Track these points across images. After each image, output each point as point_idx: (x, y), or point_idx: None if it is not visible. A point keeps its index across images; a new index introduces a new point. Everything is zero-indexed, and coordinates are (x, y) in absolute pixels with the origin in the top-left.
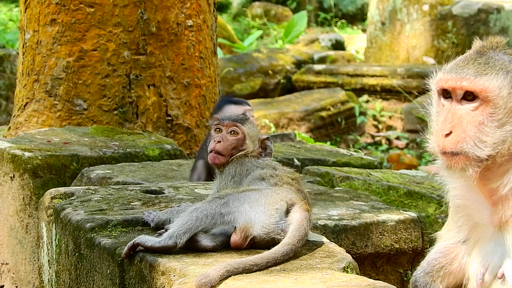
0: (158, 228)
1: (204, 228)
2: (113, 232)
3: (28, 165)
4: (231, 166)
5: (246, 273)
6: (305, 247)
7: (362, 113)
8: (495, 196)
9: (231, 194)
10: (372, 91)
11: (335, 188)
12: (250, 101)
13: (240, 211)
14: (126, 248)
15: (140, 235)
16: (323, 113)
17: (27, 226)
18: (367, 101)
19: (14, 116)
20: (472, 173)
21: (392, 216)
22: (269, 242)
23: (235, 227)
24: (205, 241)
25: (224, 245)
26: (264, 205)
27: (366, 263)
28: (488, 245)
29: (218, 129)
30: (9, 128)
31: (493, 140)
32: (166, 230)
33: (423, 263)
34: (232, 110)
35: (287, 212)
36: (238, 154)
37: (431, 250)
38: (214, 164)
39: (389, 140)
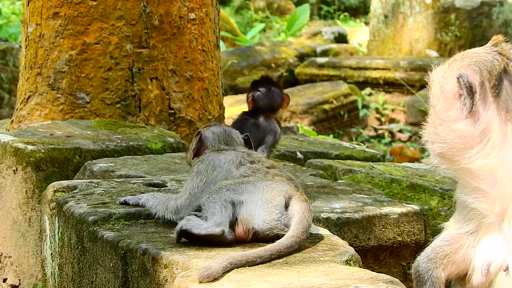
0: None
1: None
2: (116, 225)
3: (31, 158)
4: (194, 165)
5: (249, 265)
6: (308, 240)
7: (365, 106)
8: (493, 181)
9: (231, 184)
10: (375, 84)
11: (338, 181)
12: None
13: (243, 201)
14: (176, 236)
15: (184, 222)
16: (326, 106)
17: (30, 219)
18: (370, 94)
19: (16, 110)
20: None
21: (395, 209)
22: (274, 238)
23: (237, 218)
24: (226, 233)
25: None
26: (262, 200)
27: (369, 256)
28: (494, 237)
29: None
30: (12, 121)
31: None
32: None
33: (427, 249)
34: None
35: (286, 205)
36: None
37: (436, 238)
38: None
39: (391, 133)
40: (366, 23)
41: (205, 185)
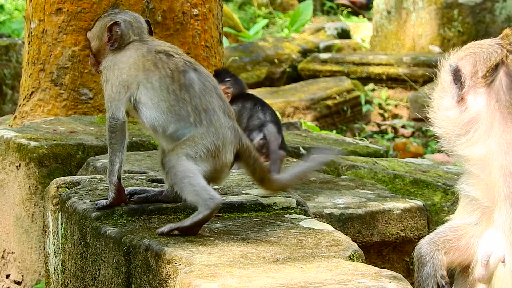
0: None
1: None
2: (119, 221)
3: (34, 154)
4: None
5: None
6: (311, 236)
7: (368, 102)
8: (483, 168)
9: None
10: (378, 80)
11: (341, 177)
12: (256, 90)
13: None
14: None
15: (168, 224)
16: (329, 102)
17: (33, 215)
18: (373, 90)
19: (19, 106)
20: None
21: (398, 205)
22: None
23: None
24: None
25: None
26: None
27: (372, 252)
28: (494, 228)
29: None
30: (15, 117)
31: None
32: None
33: (431, 234)
34: None
35: None
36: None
37: (441, 226)
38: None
39: (395, 129)
40: (369, 19)
41: (121, 86)
